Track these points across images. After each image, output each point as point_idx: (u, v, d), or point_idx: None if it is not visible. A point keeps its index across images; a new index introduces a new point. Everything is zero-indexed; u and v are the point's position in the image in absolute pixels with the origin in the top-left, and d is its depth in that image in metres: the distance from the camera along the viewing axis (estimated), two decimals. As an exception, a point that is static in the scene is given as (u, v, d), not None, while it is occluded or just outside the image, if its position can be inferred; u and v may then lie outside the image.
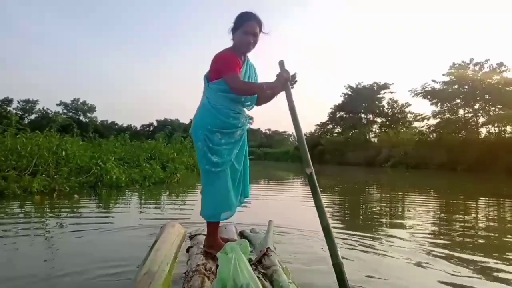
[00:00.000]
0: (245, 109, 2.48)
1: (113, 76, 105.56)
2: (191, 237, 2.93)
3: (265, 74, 2.62)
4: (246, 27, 2.32)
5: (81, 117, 68.98)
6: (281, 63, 2.33)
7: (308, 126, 45.93)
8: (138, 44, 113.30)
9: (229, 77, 2.25)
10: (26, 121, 57.65)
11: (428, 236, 4.22)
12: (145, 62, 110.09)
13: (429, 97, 29.25)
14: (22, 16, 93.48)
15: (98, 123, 69.04)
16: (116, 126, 68.94)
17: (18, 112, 62.12)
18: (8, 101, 61.73)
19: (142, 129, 72.86)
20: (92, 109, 71.14)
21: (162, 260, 2.24)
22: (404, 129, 36.65)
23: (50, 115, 65.95)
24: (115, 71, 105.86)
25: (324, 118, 45.79)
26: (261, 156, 49.68)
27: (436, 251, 3.39)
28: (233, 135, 2.38)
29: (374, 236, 4.02)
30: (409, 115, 39.38)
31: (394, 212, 6.34)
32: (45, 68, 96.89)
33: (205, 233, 2.58)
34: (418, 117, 31.43)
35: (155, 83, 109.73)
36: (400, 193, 9.83)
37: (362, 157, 31.90)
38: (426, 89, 29.42)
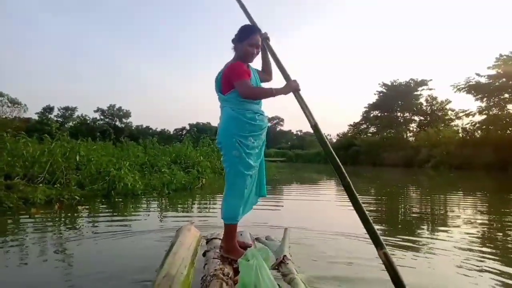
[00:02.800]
0: (262, 107, 2.54)
1: (148, 83, 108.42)
2: (208, 241, 2.91)
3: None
4: (252, 40, 2.42)
5: (117, 123, 70.72)
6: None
7: (340, 127, 44.65)
8: (171, 52, 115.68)
9: (239, 83, 2.32)
10: (66, 127, 59.79)
11: (478, 247, 3.76)
12: (178, 69, 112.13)
13: (473, 92, 27.11)
14: (57, 27, 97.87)
15: (133, 128, 70.53)
16: (151, 131, 70.09)
17: (59, 119, 64.37)
18: (50, 109, 64.13)
19: (175, 133, 73.70)
20: (127, 114, 72.80)
21: (180, 264, 2.24)
22: (443, 126, 34.40)
23: (88, 121, 68.17)
24: (149, 78, 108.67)
25: (357, 118, 44.18)
26: (293, 158, 48.60)
27: (484, 266, 3.01)
28: (261, 137, 2.47)
29: (419, 247, 3.74)
30: (449, 112, 37.06)
31: (442, 217, 5.96)
32: (83, 76, 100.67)
33: (221, 237, 2.62)
34: (462, 114, 29.11)
35: (188, 88, 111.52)
36: (447, 196, 8.92)
37: (400, 158, 30.21)
38: (470, 83, 27.28)
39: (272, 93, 2.37)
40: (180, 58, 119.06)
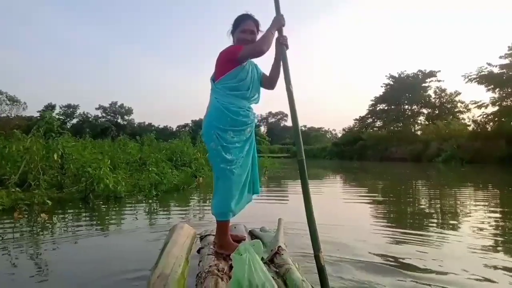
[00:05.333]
0: (252, 105, 2.49)
1: (150, 80, 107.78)
2: (202, 238, 2.90)
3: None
4: (243, 26, 2.41)
5: (119, 120, 70.16)
6: (276, 2, 2.36)
7: (346, 121, 43.77)
8: (172, 49, 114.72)
9: (243, 51, 2.30)
10: (68, 125, 59.18)
11: (491, 242, 3.69)
12: (180, 65, 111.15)
13: (485, 82, 25.94)
14: (60, 26, 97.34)
15: (135, 125, 69.92)
16: (153, 128, 69.37)
17: (61, 117, 63.64)
18: (51, 107, 63.53)
19: (178, 130, 73.04)
20: (129, 111, 72.30)
21: (174, 262, 2.20)
22: (452, 119, 33.35)
23: (90, 119, 67.67)
24: (151, 75, 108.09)
25: (363, 111, 43.13)
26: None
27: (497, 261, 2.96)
28: (243, 132, 2.40)
29: (431, 242, 3.67)
30: (459, 104, 35.95)
31: (454, 212, 5.68)
32: (84, 74, 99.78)
33: (215, 233, 2.56)
34: (473, 105, 27.72)
35: (191, 85, 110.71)
36: (459, 190, 8.50)
37: (408, 152, 29.34)
38: (482, 73, 26.09)
39: (271, 33, 2.29)
40: (182, 54, 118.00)
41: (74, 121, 67.05)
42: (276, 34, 2.33)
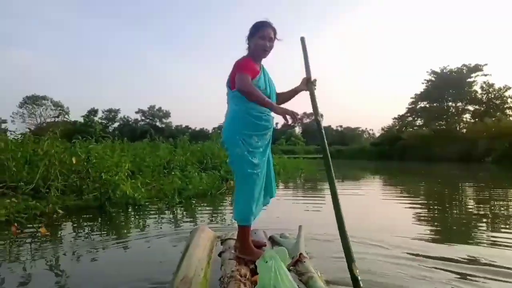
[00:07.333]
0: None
1: (186, 83, 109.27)
2: (222, 242, 2.85)
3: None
4: (262, 33, 2.39)
5: (157, 123, 71.53)
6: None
7: (384, 120, 41.84)
8: (204, 51, 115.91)
9: (239, 76, 2.29)
10: (110, 129, 60.98)
11: None
12: (214, 66, 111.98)
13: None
14: (97, 32, 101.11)
15: (173, 128, 70.95)
16: (190, 130, 70.02)
17: (103, 121, 65.65)
18: (94, 111, 65.77)
19: (214, 132, 73.22)
20: (167, 114, 73.60)
21: (197, 265, 2.20)
22: (502, 115, 30.96)
23: (130, 122, 69.51)
24: (187, 78, 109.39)
25: (402, 110, 41.10)
26: (334, 154, 46.18)
27: None
28: (265, 137, 2.45)
29: None
30: (509, 100, 33.30)
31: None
32: (123, 77, 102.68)
33: (235, 237, 2.59)
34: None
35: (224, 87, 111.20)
36: None
37: (454, 152, 27.31)
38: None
39: (268, 103, 2.29)
40: (215, 56, 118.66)
41: (116, 125, 69.12)
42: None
